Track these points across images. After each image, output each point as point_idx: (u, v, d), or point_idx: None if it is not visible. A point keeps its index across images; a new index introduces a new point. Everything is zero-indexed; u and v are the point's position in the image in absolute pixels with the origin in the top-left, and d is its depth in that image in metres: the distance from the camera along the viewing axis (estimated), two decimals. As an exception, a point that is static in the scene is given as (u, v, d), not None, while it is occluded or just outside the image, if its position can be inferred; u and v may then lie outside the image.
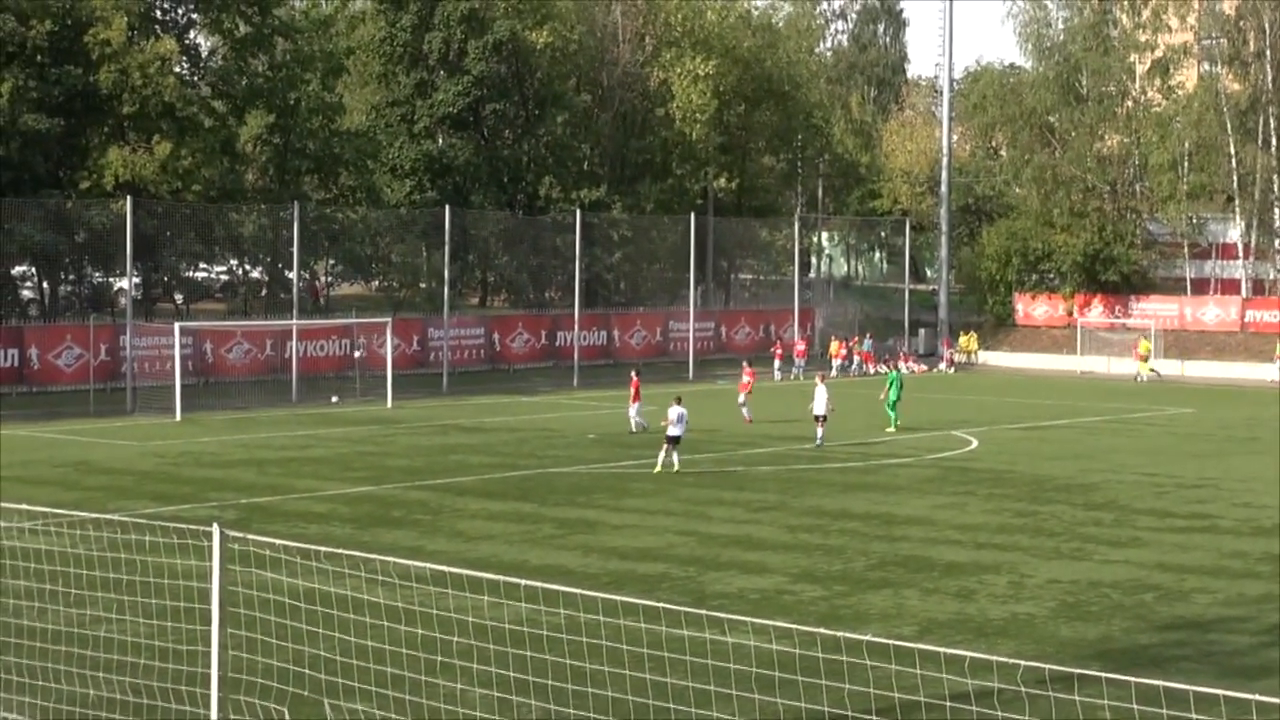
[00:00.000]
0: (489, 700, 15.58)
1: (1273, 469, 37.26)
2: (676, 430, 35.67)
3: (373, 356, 56.50)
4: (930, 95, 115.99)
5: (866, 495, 32.75)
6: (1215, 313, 73.95)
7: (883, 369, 63.92)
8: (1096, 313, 75.77)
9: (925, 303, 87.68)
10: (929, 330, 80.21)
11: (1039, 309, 78.42)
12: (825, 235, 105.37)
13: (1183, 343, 72.78)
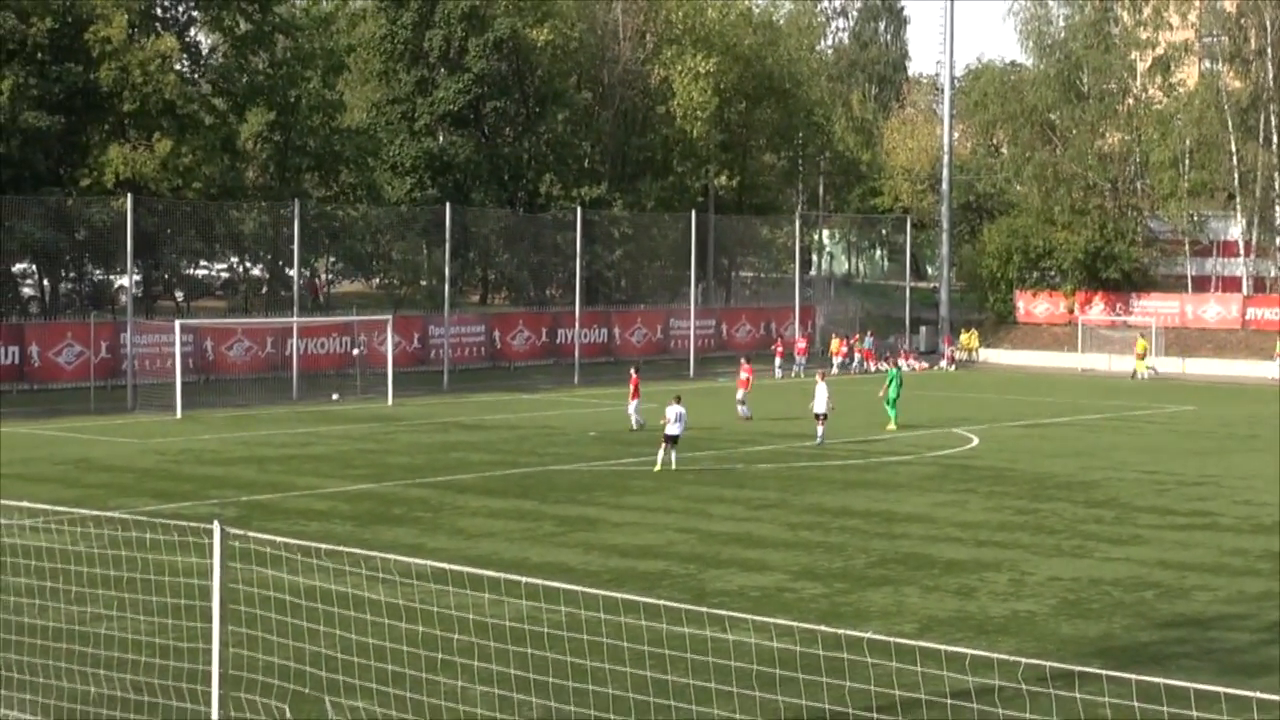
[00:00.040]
0: (490, 697, 15.58)
1: (1273, 466, 37.26)
2: (675, 429, 35.67)
3: (373, 354, 56.48)
4: (931, 93, 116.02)
5: (867, 493, 32.75)
6: (1216, 310, 73.95)
7: (884, 366, 63.92)
8: (1097, 310, 75.77)
9: (926, 300, 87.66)
10: (930, 328, 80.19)
11: (1040, 306, 78.41)
12: (826, 233, 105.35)
13: (1184, 340, 72.77)
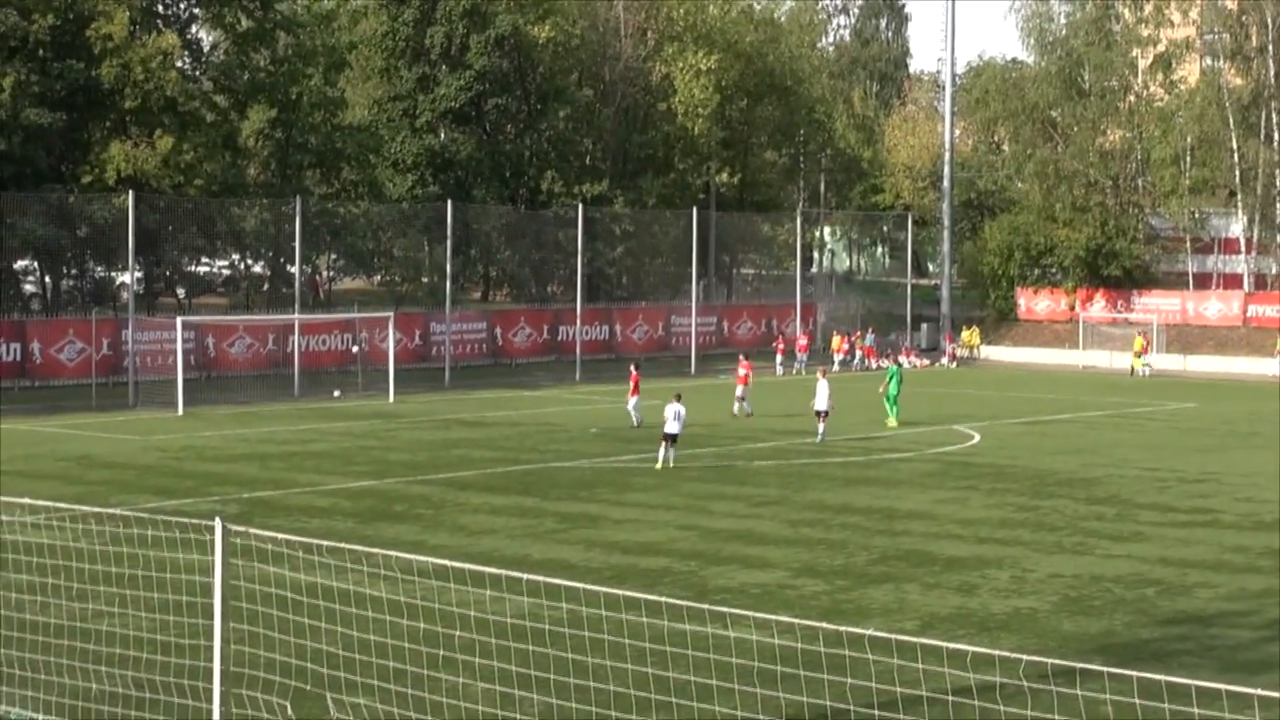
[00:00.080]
0: (491, 694, 15.58)
1: (1274, 464, 37.24)
2: (673, 428, 35.64)
3: (375, 351, 56.49)
4: (932, 90, 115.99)
5: (868, 490, 32.74)
6: (1217, 307, 73.92)
7: (885, 363, 63.92)
8: (1098, 307, 75.75)
9: (927, 297, 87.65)
10: (931, 325, 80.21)
11: (1041, 304, 78.38)
12: (827, 230, 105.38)
13: (1185, 337, 72.76)
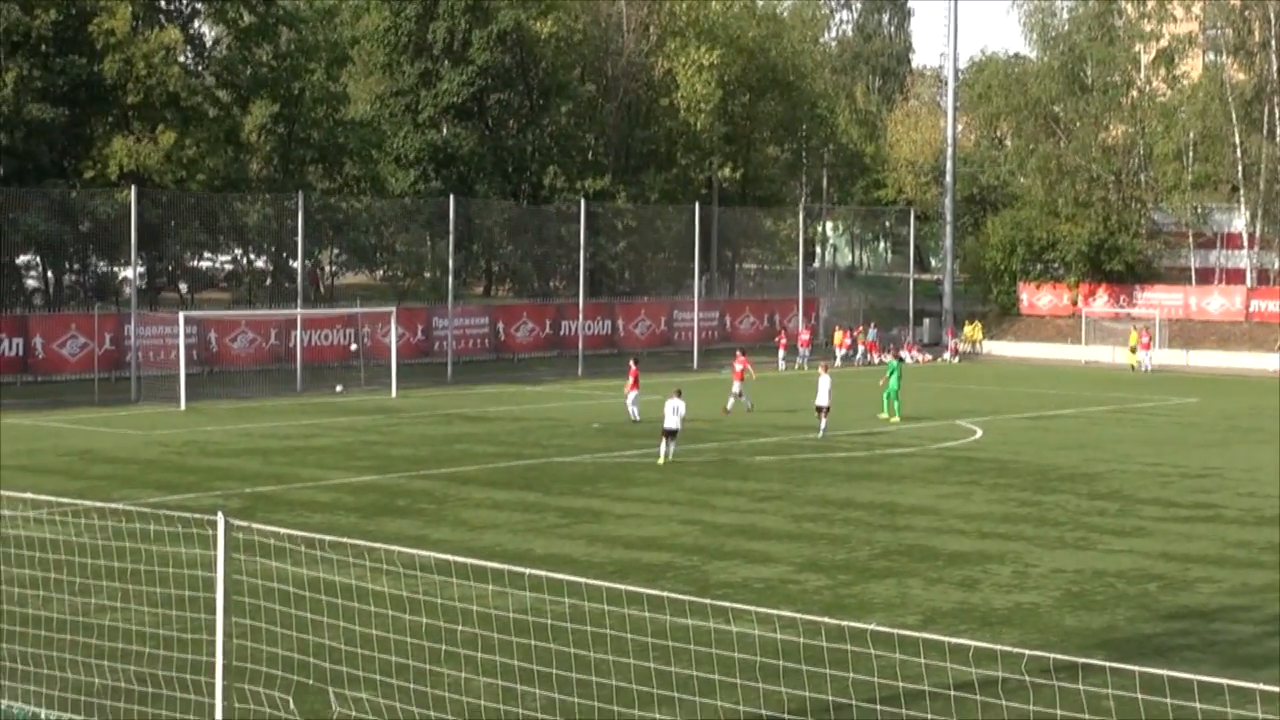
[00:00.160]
0: (493, 689, 15.58)
1: (1276, 459, 37.23)
2: (672, 424, 35.60)
3: (377, 346, 56.48)
4: (935, 85, 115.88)
5: (871, 484, 32.74)
6: (1220, 302, 73.87)
7: (887, 358, 63.90)
8: (1101, 302, 75.71)
9: (930, 292, 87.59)
10: (933, 320, 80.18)
11: (1043, 299, 78.33)
12: (830, 225, 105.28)
13: (1187, 332, 72.73)
